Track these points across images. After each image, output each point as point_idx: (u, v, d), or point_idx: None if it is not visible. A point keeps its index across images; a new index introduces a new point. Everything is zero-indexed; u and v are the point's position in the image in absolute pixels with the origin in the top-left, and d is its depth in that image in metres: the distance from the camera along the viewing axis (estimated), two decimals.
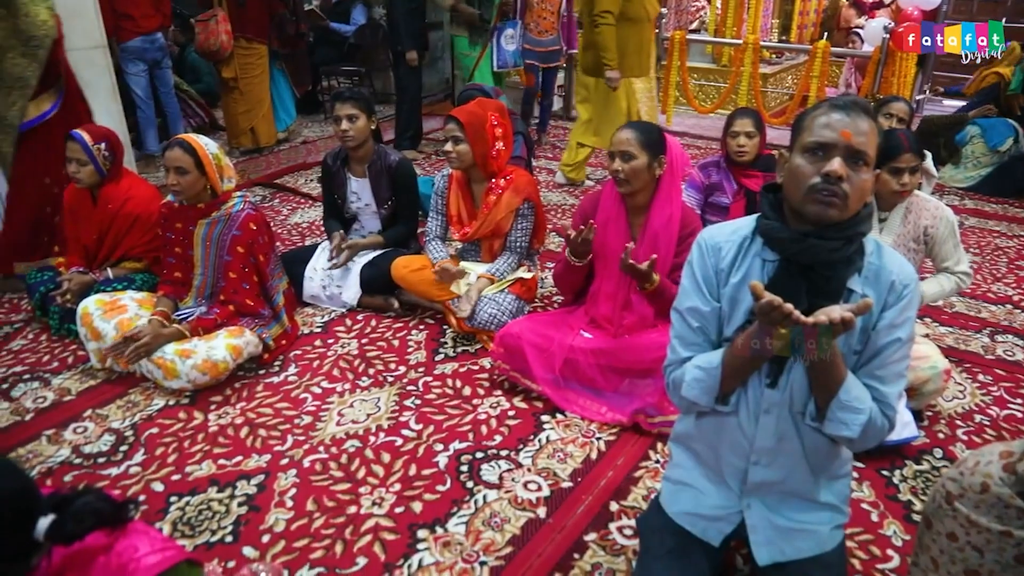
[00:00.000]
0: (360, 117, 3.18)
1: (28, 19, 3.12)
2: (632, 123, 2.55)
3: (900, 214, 2.52)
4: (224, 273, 2.83)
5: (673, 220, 2.49)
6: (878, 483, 2.24)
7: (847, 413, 1.40)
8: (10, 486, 1.15)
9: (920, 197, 2.54)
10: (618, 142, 2.45)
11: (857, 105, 1.37)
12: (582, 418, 2.52)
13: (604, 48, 4.43)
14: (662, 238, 2.47)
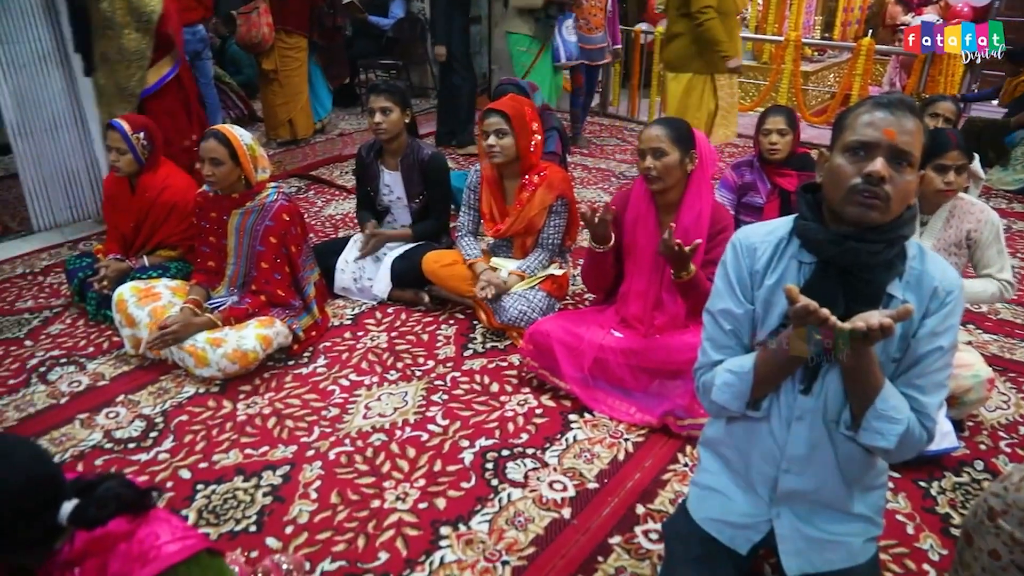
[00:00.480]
0: (394, 110, 3.17)
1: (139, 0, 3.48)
2: (661, 119, 2.50)
3: (943, 217, 2.43)
4: (256, 263, 2.85)
5: (703, 216, 2.44)
6: (915, 494, 2.17)
7: (883, 423, 1.35)
8: (36, 471, 1.16)
9: (965, 200, 2.45)
10: (648, 139, 2.40)
11: (903, 103, 1.31)
12: (610, 418, 2.48)
13: (716, 41, 4.33)
14: (692, 235, 2.42)
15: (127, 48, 3.51)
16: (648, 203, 2.49)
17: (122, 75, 3.55)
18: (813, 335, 1.25)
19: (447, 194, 3.47)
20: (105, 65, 3.60)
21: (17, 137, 4.01)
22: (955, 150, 2.29)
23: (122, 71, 3.54)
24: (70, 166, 4.23)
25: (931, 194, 2.35)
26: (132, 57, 3.52)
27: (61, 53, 4.03)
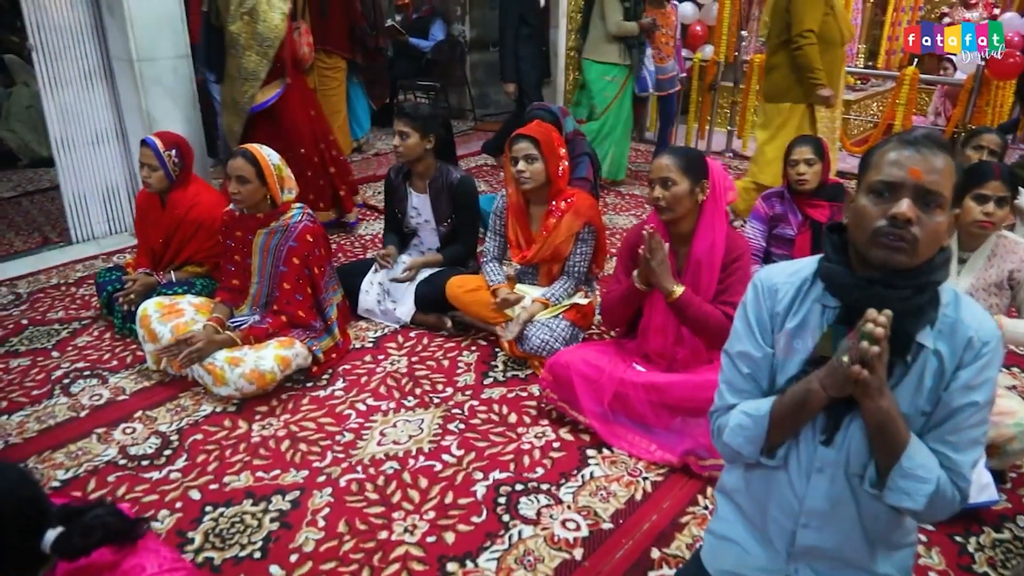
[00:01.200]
0: (411, 135, 3.17)
1: (264, 24, 3.81)
2: (671, 148, 2.46)
3: (984, 255, 2.32)
4: (279, 283, 2.84)
5: (716, 247, 2.38)
6: (950, 550, 2.04)
7: (910, 482, 1.26)
8: (20, 494, 1.13)
9: (1009, 238, 2.34)
10: (657, 168, 2.36)
11: (930, 139, 1.23)
12: (629, 455, 2.40)
13: (810, 68, 4.14)
14: (705, 265, 2.37)
15: (246, 68, 3.85)
16: (662, 234, 2.43)
17: (238, 91, 3.91)
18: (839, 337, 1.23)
19: (475, 218, 3.45)
20: (228, 80, 3.98)
21: (60, 150, 4.11)
22: (996, 180, 2.20)
23: (238, 87, 3.91)
24: (110, 180, 4.32)
25: (968, 225, 2.24)
26: (248, 76, 3.86)
27: (106, 70, 4.13)
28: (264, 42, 3.82)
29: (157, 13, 3.93)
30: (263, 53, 3.84)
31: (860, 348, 1.17)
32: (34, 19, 3.85)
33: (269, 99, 3.95)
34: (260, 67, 3.86)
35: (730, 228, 2.47)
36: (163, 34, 3.98)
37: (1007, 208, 2.25)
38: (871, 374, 1.20)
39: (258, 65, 3.85)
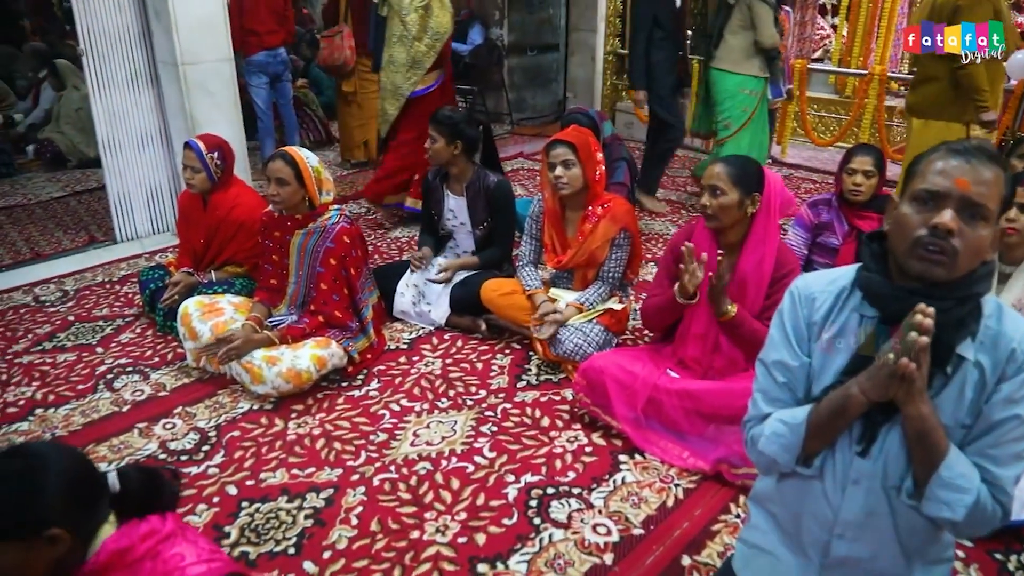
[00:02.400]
0: (438, 140, 3.22)
1: (436, 19, 4.22)
2: (728, 156, 2.43)
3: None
4: (316, 284, 2.88)
5: (765, 262, 2.35)
6: (989, 568, 1.99)
7: (949, 492, 1.23)
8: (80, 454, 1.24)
9: None
10: (709, 176, 2.35)
11: (981, 151, 1.21)
12: (662, 461, 2.39)
13: (976, 89, 3.84)
14: (751, 280, 2.33)
15: (414, 57, 4.24)
16: (710, 243, 2.41)
17: (402, 77, 4.29)
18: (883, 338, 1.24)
19: (511, 222, 3.46)
20: (391, 67, 4.32)
21: (107, 151, 4.23)
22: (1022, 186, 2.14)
23: (403, 74, 4.29)
24: (154, 181, 4.43)
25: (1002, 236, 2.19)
26: (415, 64, 4.26)
27: (152, 73, 4.24)
28: (434, 35, 4.24)
29: (201, 17, 4.03)
30: (431, 45, 4.24)
31: (907, 340, 1.15)
32: (85, 24, 3.96)
33: (429, 86, 4.33)
34: (426, 58, 4.25)
35: (782, 243, 2.44)
36: (207, 38, 4.08)
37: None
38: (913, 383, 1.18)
39: (425, 56, 4.24)
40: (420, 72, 4.27)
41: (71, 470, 1.16)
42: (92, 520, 1.19)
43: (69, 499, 1.14)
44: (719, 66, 4.75)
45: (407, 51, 4.23)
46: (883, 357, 1.21)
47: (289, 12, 5.54)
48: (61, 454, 1.18)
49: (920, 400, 1.22)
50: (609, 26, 7.38)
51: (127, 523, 1.24)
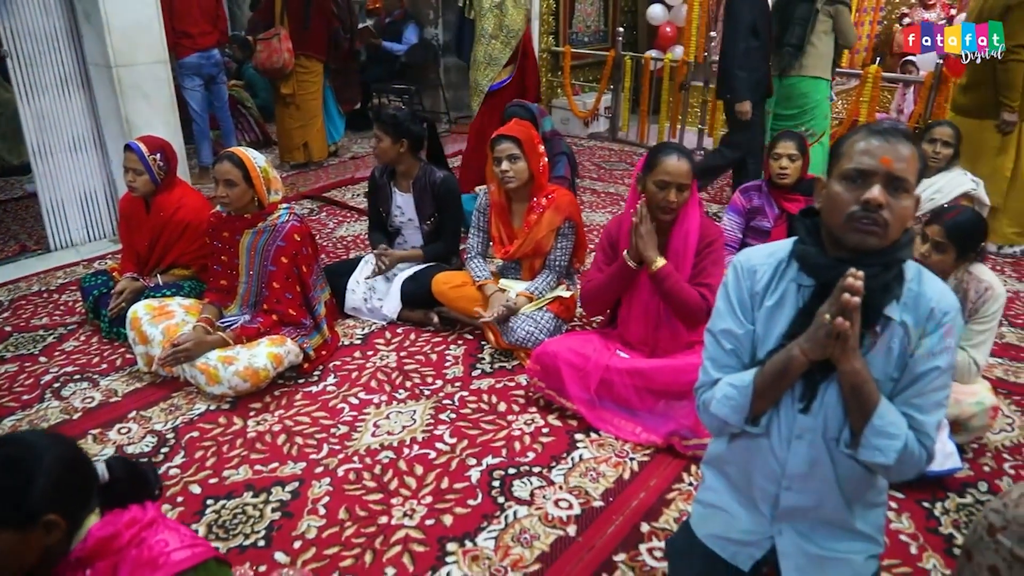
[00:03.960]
0: (384, 139, 3.28)
1: (510, 18, 4.60)
2: (681, 150, 2.48)
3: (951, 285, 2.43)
4: (268, 283, 2.90)
5: (691, 236, 2.51)
6: (918, 515, 2.17)
7: (882, 439, 1.37)
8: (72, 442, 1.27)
9: (973, 273, 2.43)
10: (677, 173, 2.40)
11: (897, 130, 1.35)
12: (616, 438, 2.50)
13: (1009, 86, 3.90)
14: (683, 254, 2.50)
15: (491, 54, 4.65)
16: None
17: (481, 74, 4.71)
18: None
19: (458, 216, 3.53)
20: (474, 65, 4.74)
21: (37, 157, 4.11)
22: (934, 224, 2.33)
23: (481, 71, 4.71)
24: (88, 186, 4.33)
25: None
26: (491, 61, 4.66)
27: (83, 76, 4.14)
28: (509, 33, 4.62)
29: (134, 19, 3.96)
30: (506, 42, 4.64)
31: (841, 300, 1.27)
32: (8, 25, 3.85)
33: (503, 80, 4.72)
34: (502, 55, 4.65)
35: (703, 216, 2.58)
36: (140, 40, 4.01)
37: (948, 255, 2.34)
38: (846, 342, 1.31)
39: (501, 52, 4.64)
40: (496, 68, 4.67)
41: (65, 457, 1.19)
42: (85, 507, 1.22)
43: (64, 486, 1.17)
44: (808, 73, 4.54)
45: (484, 49, 4.64)
46: (820, 319, 1.34)
47: (222, 13, 5.47)
48: (55, 442, 1.20)
49: (854, 357, 1.35)
50: (543, 24, 7.49)
51: (110, 512, 1.27)
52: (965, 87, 4.32)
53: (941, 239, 2.32)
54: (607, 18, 8.41)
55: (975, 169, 4.00)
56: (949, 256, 2.33)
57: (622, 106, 7.18)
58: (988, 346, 2.43)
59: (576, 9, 7.94)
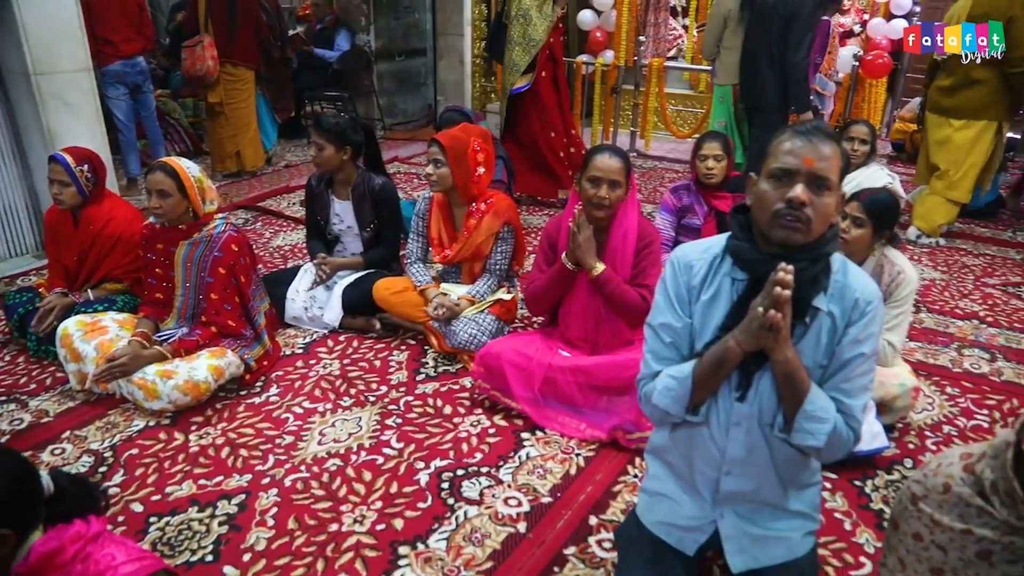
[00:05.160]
0: (326, 147, 3.26)
1: (533, 27, 4.77)
2: (614, 149, 2.55)
3: (870, 269, 2.56)
4: (206, 294, 2.85)
5: (630, 235, 2.57)
6: (851, 493, 2.29)
7: (812, 423, 1.45)
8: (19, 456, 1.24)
9: (889, 256, 2.56)
10: (609, 170, 2.46)
11: (819, 130, 1.42)
12: (561, 435, 2.55)
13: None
14: (620, 251, 2.55)
15: (513, 60, 4.87)
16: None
17: (507, 79, 4.98)
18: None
19: (397, 223, 3.53)
20: (504, 70, 5.01)
21: None
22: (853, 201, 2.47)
23: (506, 76, 4.99)
24: (8, 200, 4.16)
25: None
26: (513, 68, 4.90)
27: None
28: (530, 42, 4.80)
29: (53, 25, 3.84)
30: (527, 50, 4.81)
31: (773, 294, 1.35)
32: None
33: (522, 86, 4.91)
34: (522, 61, 4.84)
35: (641, 217, 2.66)
36: (61, 47, 3.89)
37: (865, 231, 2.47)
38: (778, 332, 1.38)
39: (521, 59, 4.84)
40: (517, 73, 4.87)
41: (15, 470, 1.16)
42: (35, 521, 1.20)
43: (13, 499, 1.14)
44: None
45: (510, 55, 4.87)
46: (754, 312, 1.41)
47: (146, 19, 5.31)
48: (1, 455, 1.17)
49: (786, 346, 1.42)
50: (475, 30, 7.55)
51: (54, 527, 1.25)
52: (949, 89, 4.51)
53: (859, 214, 2.45)
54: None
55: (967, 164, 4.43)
56: (867, 231, 2.46)
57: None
58: (903, 328, 2.57)
59: None
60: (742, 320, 1.45)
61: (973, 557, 1.38)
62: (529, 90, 4.90)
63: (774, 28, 4.32)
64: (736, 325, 1.47)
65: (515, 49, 4.81)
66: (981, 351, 3.28)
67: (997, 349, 3.30)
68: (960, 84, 4.44)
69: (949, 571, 1.41)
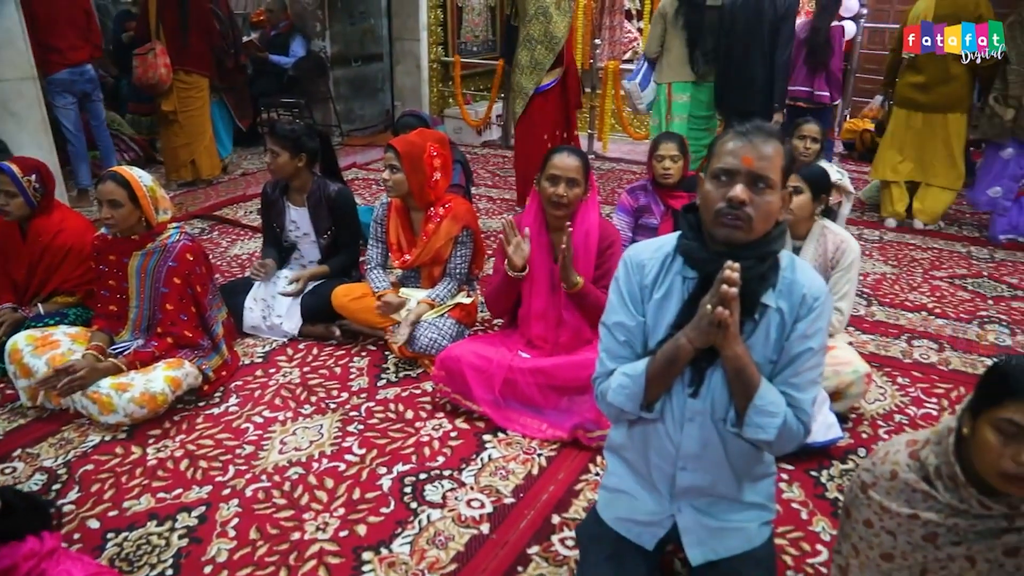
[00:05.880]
0: (281, 154, 3.23)
1: (554, 25, 4.78)
2: (573, 149, 2.60)
3: (813, 242, 2.65)
4: (161, 305, 2.80)
5: (591, 235, 2.59)
6: (807, 483, 2.34)
7: (763, 417, 1.48)
8: None
9: (830, 228, 2.68)
10: (566, 168, 2.50)
11: (761, 130, 1.45)
12: (523, 436, 2.57)
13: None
14: (581, 253, 2.57)
15: (537, 59, 4.85)
16: (540, 227, 2.62)
17: (526, 78, 4.91)
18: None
19: (356, 229, 3.52)
20: (518, 70, 4.95)
21: None
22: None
23: (527, 75, 4.90)
24: None
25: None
26: (537, 66, 4.86)
27: None
28: (552, 40, 4.81)
29: None
30: (551, 48, 4.82)
31: (720, 291, 1.37)
32: None
33: (549, 83, 4.92)
34: (546, 60, 4.84)
35: (602, 218, 2.69)
36: (4, 55, 3.81)
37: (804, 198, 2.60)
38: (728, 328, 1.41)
39: (545, 57, 4.84)
40: (541, 72, 4.87)
41: None
42: None
43: None
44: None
45: (530, 54, 4.85)
46: (703, 309, 1.44)
47: (94, 26, 5.20)
48: None
49: (735, 342, 1.45)
50: (432, 35, 7.55)
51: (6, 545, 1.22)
52: (924, 85, 4.76)
53: (797, 183, 2.58)
54: (495, 27, 8.55)
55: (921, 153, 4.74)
56: (807, 196, 2.59)
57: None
58: (851, 297, 2.69)
59: (464, 20, 8.03)
60: (693, 318, 1.48)
61: (920, 540, 1.43)
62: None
63: (765, 28, 4.57)
64: (688, 323, 1.49)
65: (537, 48, 4.84)
66: (930, 342, 3.38)
67: (945, 339, 3.41)
68: (936, 80, 4.69)
69: (899, 555, 1.46)
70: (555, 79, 4.94)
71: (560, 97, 5.02)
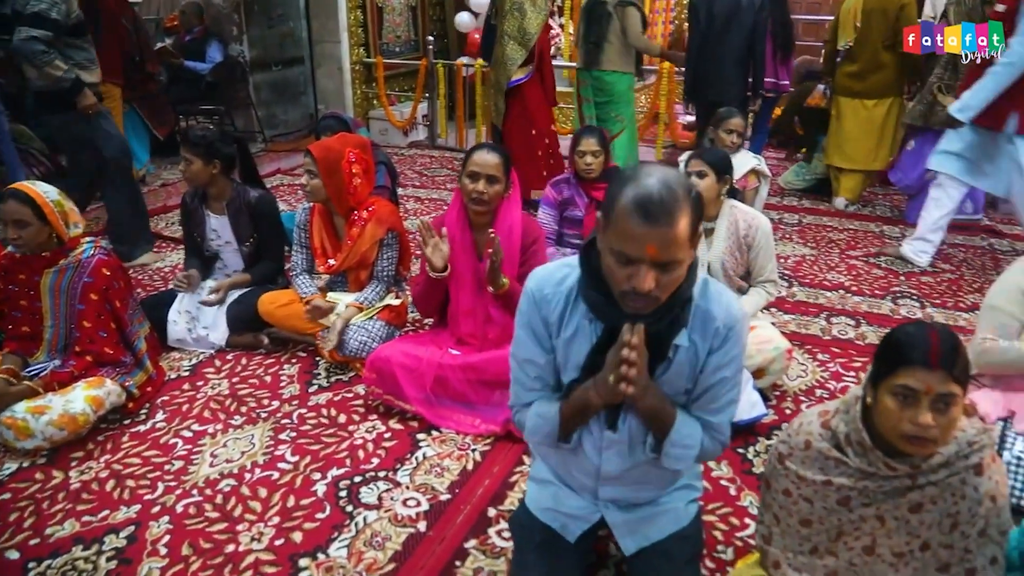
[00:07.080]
0: (194, 161, 3.17)
1: (528, 21, 4.88)
2: (493, 147, 2.62)
3: (724, 224, 2.74)
4: (78, 323, 2.71)
5: (514, 232, 2.62)
6: (735, 460, 2.42)
7: (680, 449, 1.52)
8: None
9: (739, 207, 2.79)
10: (485, 165, 2.51)
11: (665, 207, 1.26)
12: (457, 432, 2.58)
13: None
14: (506, 250, 2.59)
15: (508, 55, 4.94)
16: (464, 226, 2.64)
17: (501, 73, 5.01)
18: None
19: (279, 235, 3.47)
20: (495, 66, 5.06)
21: None
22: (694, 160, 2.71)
23: (501, 70, 5.01)
24: None
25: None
26: (508, 61, 4.95)
27: None
28: (525, 35, 4.89)
29: None
30: (523, 44, 4.91)
31: (619, 371, 1.36)
32: None
33: (520, 78, 5.00)
34: (517, 55, 4.94)
35: (524, 215, 2.72)
36: None
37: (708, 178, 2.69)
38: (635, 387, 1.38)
39: (516, 53, 4.93)
40: (513, 67, 4.94)
41: None
42: None
43: None
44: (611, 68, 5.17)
45: (503, 49, 4.93)
46: (608, 370, 1.40)
47: None
48: None
49: (645, 396, 1.44)
50: (352, 36, 7.46)
51: None
52: (858, 74, 5.03)
53: (701, 167, 2.68)
54: (416, 27, 8.51)
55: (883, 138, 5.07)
56: (711, 179, 2.68)
57: (439, 113, 7.31)
58: (774, 265, 2.83)
59: (385, 20, 7.97)
60: (601, 364, 1.43)
61: (835, 504, 1.51)
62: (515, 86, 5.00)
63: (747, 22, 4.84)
64: (597, 365, 1.45)
65: (509, 43, 4.91)
66: (847, 318, 3.53)
67: (862, 315, 3.56)
68: (868, 69, 5.00)
69: (816, 520, 1.54)
70: (525, 76, 5.01)
71: (540, 91, 5.13)
